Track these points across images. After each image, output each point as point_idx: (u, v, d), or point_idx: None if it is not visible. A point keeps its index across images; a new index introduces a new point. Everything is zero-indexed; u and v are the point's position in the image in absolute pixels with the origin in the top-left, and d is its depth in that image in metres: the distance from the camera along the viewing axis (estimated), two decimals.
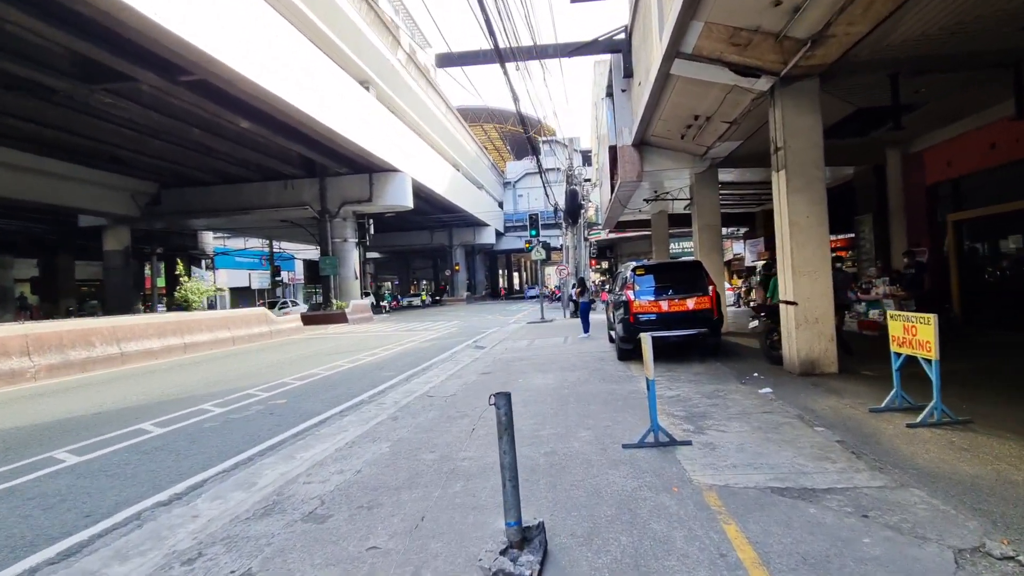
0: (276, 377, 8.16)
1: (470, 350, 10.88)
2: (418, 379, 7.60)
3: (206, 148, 18.16)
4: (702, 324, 7.49)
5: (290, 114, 15.13)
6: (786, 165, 6.45)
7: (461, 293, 45.35)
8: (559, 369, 7.59)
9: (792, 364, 6.43)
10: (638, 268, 7.91)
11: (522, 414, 5.07)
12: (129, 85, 12.61)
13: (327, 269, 21.98)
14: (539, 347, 10.50)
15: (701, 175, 11.48)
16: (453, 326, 18.26)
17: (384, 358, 10.25)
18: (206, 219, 23.46)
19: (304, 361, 10.14)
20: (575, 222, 19.99)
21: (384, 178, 22.02)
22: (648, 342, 4.03)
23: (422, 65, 25.42)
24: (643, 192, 13.62)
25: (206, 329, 13.23)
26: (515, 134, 57.09)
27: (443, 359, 9.75)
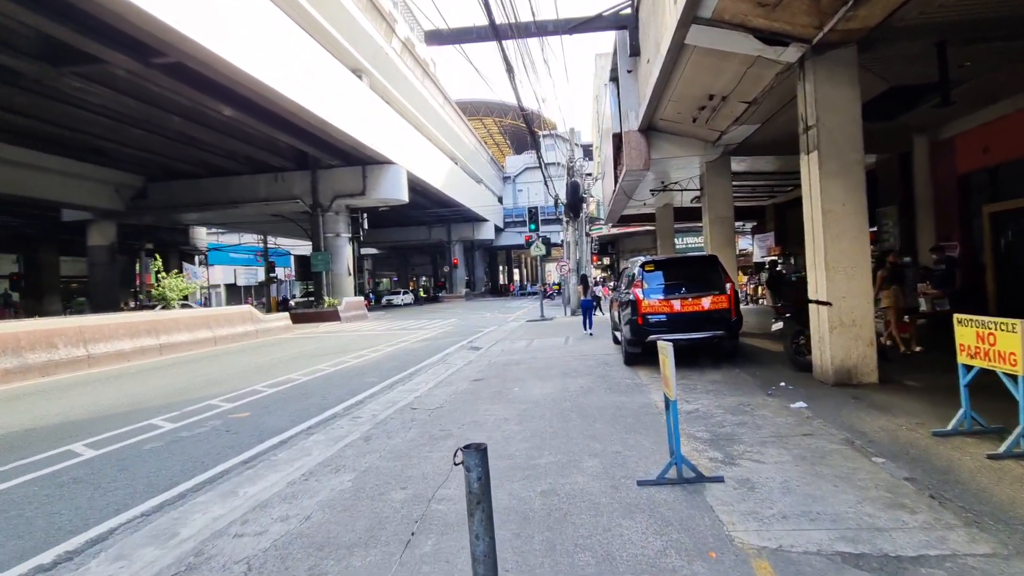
0: (247, 384, 7.41)
1: (464, 352, 10.12)
2: (403, 386, 6.84)
3: (189, 138, 17.34)
4: (719, 326, 6.73)
5: (276, 102, 14.32)
6: (818, 146, 5.65)
7: (460, 290, 44.61)
8: (560, 375, 6.84)
9: (824, 372, 5.66)
10: (647, 264, 7.14)
11: (516, 435, 4.31)
12: (99, 68, 11.80)
13: (319, 265, 21.21)
14: (538, 348, 9.75)
15: (712, 164, 10.70)
16: (449, 325, 17.51)
17: (371, 361, 9.50)
18: (194, 213, 22.68)
19: (284, 364, 9.39)
20: (576, 216, 19.17)
21: (378, 170, 21.20)
22: (669, 353, 3.26)
23: (419, 56, 24.54)
24: (649, 183, 12.82)
25: (185, 329, 12.48)
26: (515, 128, 56.16)
27: (434, 362, 8.99)
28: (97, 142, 17.24)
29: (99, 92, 13.23)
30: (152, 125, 16.04)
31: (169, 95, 13.71)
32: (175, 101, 14.12)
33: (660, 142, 9.90)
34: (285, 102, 14.20)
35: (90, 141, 17.13)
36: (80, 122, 15.39)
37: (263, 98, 13.94)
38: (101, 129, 16.00)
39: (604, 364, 7.55)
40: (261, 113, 15.24)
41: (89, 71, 12.01)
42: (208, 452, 4.36)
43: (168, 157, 19.48)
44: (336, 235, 21.77)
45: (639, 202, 16.12)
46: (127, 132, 16.36)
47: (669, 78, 7.75)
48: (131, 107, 14.43)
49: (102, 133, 16.35)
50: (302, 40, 14.82)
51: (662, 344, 3.42)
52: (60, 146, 17.57)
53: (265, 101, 14.21)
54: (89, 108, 14.42)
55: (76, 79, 12.27)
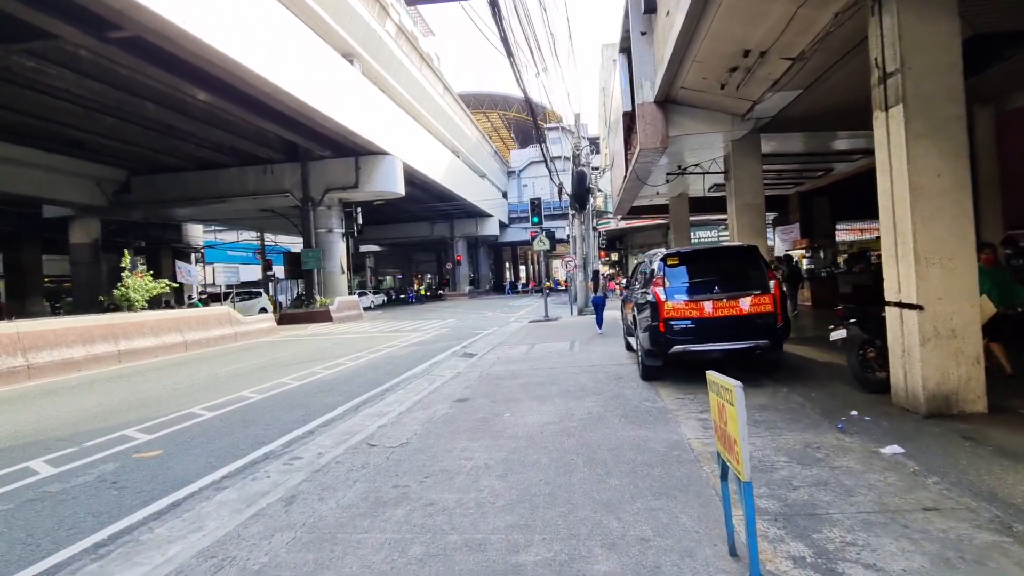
0: (188, 404, 6.19)
1: (455, 360, 8.85)
2: (371, 408, 5.57)
3: (168, 127, 16.22)
4: (761, 333, 5.37)
5: (254, 84, 13.11)
6: (903, 98, 4.26)
7: (463, 287, 43.39)
8: (562, 394, 5.53)
9: (911, 398, 4.30)
10: (670, 257, 5.79)
11: (496, 498, 3.02)
12: (52, 44, 10.66)
13: (310, 262, 20.05)
14: (539, 355, 8.43)
15: (740, 143, 9.29)
16: (446, 326, 16.26)
17: (345, 372, 8.26)
18: (180, 208, 21.62)
19: (244, 376, 8.17)
20: (583, 208, 17.78)
21: (372, 162, 19.96)
22: (738, 397, 1.93)
23: (415, 41, 23.22)
24: (664, 167, 11.38)
25: (150, 333, 11.33)
26: (520, 121, 54.69)
27: (417, 374, 7.72)
28: (71, 132, 16.18)
29: (60, 75, 12.11)
30: (125, 113, 14.92)
31: (138, 78, 12.56)
32: (145, 85, 12.97)
33: (679, 116, 8.51)
34: (264, 84, 12.99)
35: (63, 132, 16.08)
36: (46, 109, 14.30)
37: (240, 80, 12.73)
38: (71, 118, 14.91)
39: (616, 378, 6.22)
40: (240, 98, 14.05)
41: (40, 48, 10.87)
42: (61, 524, 3.11)
43: (150, 149, 18.40)
44: (328, 230, 20.59)
45: (651, 192, 14.71)
46: (100, 121, 15.26)
47: (694, 32, 6.38)
48: (98, 92, 13.30)
49: (74, 122, 15.27)
50: (282, 16, 13.58)
51: (721, 381, 2.10)
52: (33, 137, 16.55)
53: (242, 84, 13.01)
54: (53, 93, 13.32)
55: (28, 58, 11.14)
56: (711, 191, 14.60)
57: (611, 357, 7.82)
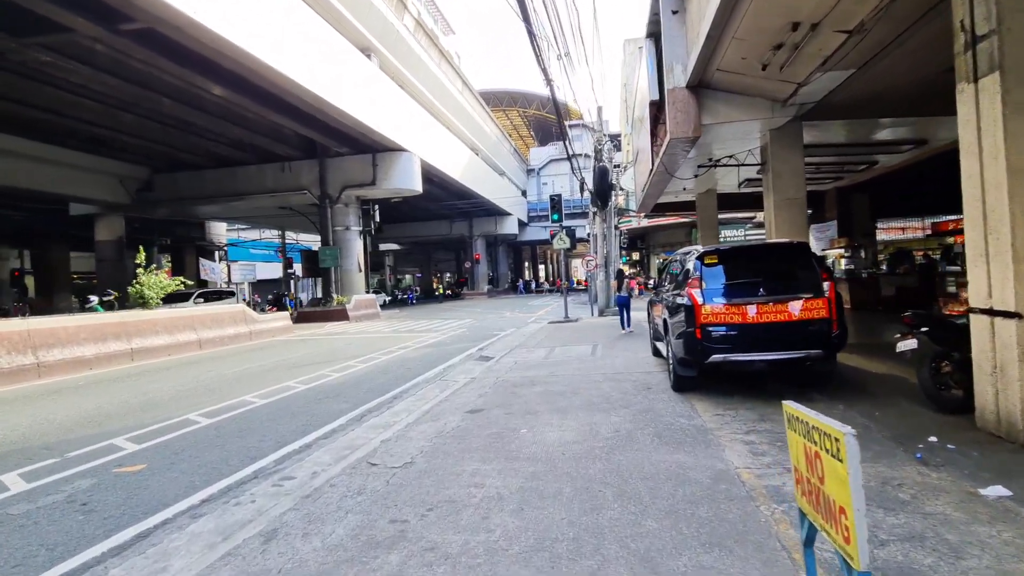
0: (185, 409, 5.87)
1: (470, 363, 8.37)
2: (376, 418, 5.13)
3: (185, 124, 16.23)
4: (814, 342, 4.72)
5: (268, 77, 12.89)
6: (1000, 64, 3.56)
7: (482, 286, 43.01)
8: (586, 406, 4.98)
9: (1006, 423, 3.60)
10: (708, 255, 5.14)
11: (509, 543, 2.50)
12: (66, 38, 10.60)
13: (327, 260, 19.92)
14: (560, 360, 7.87)
15: (779, 132, 8.52)
16: (463, 326, 15.84)
17: (355, 375, 7.87)
18: (200, 206, 21.79)
19: (252, 378, 7.87)
20: (605, 205, 17.09)
21: (389, 159, 19.68)
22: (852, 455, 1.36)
23: (434, 35, 22.86)
24: (694, 159, 10.62)
25: (164, 331, 11.22)
26: (539, 119, 54.01)
27: (429, 378, 7.27)
28: (92, 129, 16.34)
29: (76, 69, 12.11)
30: (143, 109, 14.95)
31: (152, 72, 12.48)
32: (160, 79, 12.89)
33: (714, 103, 7.81)
34: (275, 76, 12.75)
35: (84, 129, 16.24)
36: (66, 105, 14.40)
37: (251, 71, 12.52)
38: (91, 114, 15.02)
39: (644, 388, 5.62)
40: (255, 93, 13.89)
41: (55, 42, 10.83)
42: (8, 559, 2.72)
43: (170, 146, 18.52)
44: (346, 228, 20.43)
45: (677, 187, 13.91)
46: (119, 117, 15.35)
47: (736, 4, 5.72)
48: (115, 87, 13.31)
49: (94, 119, 15.39)
50: (292, 5, 13.31)
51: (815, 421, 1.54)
52: (56, 134, 16.77)
53: (254, 76, 12.81)
54: (70, 89, 13.37)
55: (44, 52, 11.13)
56: (743, 187, 13.75)
57: (637, 363, 7.20)
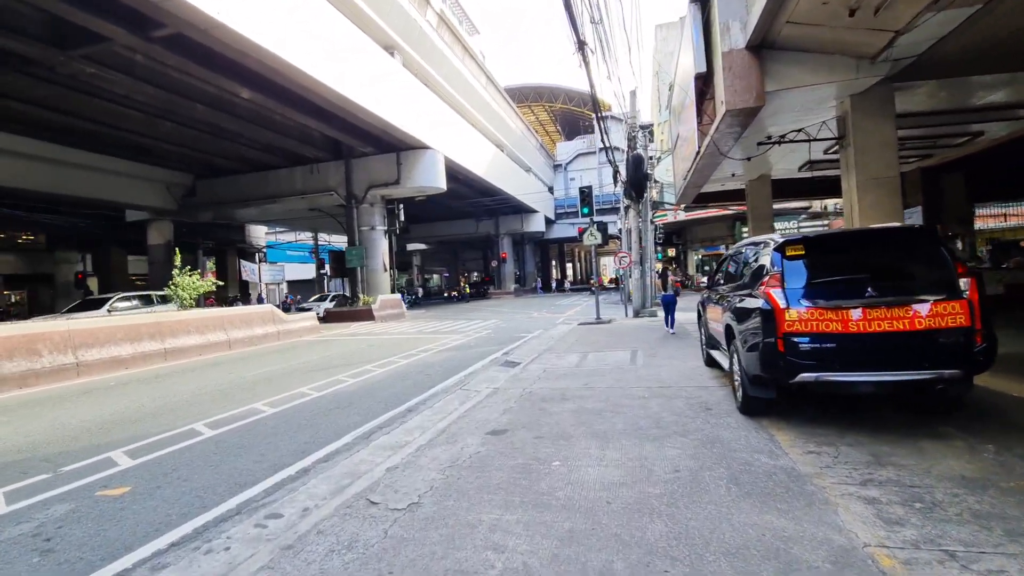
0: (193, 416, 5.68)
1: (494, 369, 7.90)
2: (385, 437, 4.71)
3: (218, 129, 16.59)
4: (947, 358, 3.63)
5: (291, 77, 12.88)
6: None
7: (508, 285, 42.64)
8: (631, 430, 4.24)
9: None
10: (791, 244, 4.05)
11: None
12: (105, 48, 10.89)
13: (353, 260, 20.00)
14: (594, 369, 7.25)
15: (864, 97, 7.22)
16: (489, 327, 15.43)
17: (371, 380, 7.56)
18: (239, 209, 22.41)
19: (268, 383, 7.70)
20: (640, 197, 16.22)
21: (413, 157, 19.53)
22: None
23: (456, 30, 22.55)
24: (748, 140, 9.46)
25: (195, 331, 11.36)
26: (566, 113, 53.05)
27: (449, 387, 6.84)
28: (137, 139, 17.00)
29: (118, 80, 12.50)
30: (180, 116, 15.36)
31: (184, 79, 12.74)
32: (192, 86, 13.14)
33: (780, 65, 6.70)
34: (300, 76, 12.71)
35: (130, 138, 16.91)
36: (110, 115, 14.98)
37: (276, 73, 12.53)
38: (133, 123, 15.58)
39: (703, 409, 4.81)
40: (280, 94, 13.95)
41: (96, 52, 11.15)
42: None
43: (206, 152, 19.07)
44: (371, 228, 20.45)
45: (725, 173, 12.90)
46: (158, 126, 15.86)
47: None
48: (153, 96, 13.68)
49: (137, 128, 15.96)
50: (321, 7, 13.25)
51: None
52: (105, 144, 17.59)
53: (279, 77, 12.82)
54: (114, 99, 13.88)
55: (87, 63, 11.50)
56: (804, 170, 12.50)
57: (688, 375, 6.45)
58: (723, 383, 5.80)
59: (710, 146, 8.58)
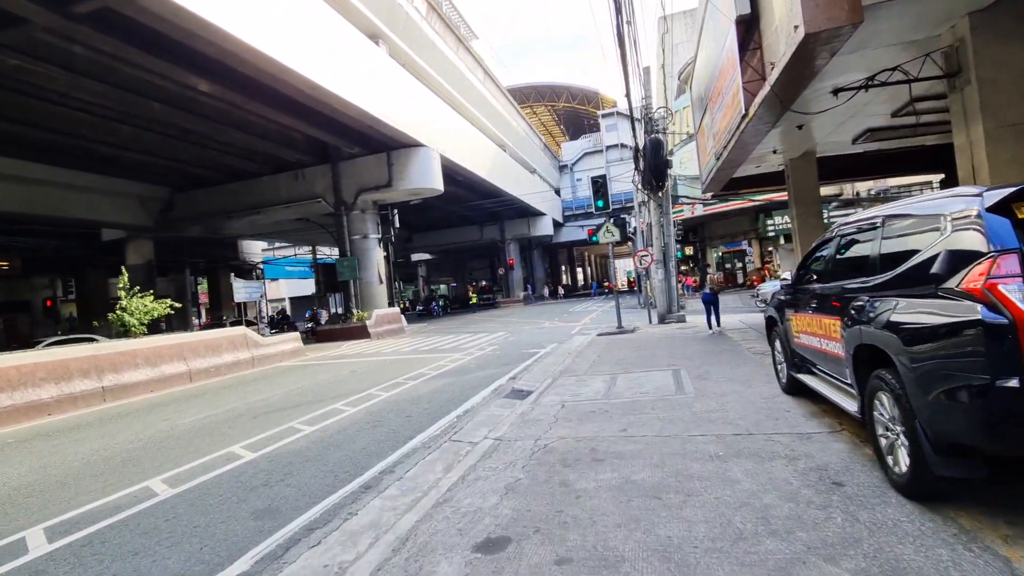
0: (68, 501, 3.75)
1: (498, 404, 5.90)
2: (310, 553, 2.74)
3: (185, 132, 14.97)
4: None
5: (259, 65, 11.16)
6: None
7: (517, 293, 40.61)
8: (727, 544, 2.30)
9: None
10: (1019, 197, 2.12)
11: None
12: (25, 33, 9.23)
13: (345, 273, 18.20)
14: (630, 401, 5.20)
15: (988, 15, 5.24)
16: (495, 341, 13.45)
17: (332, 429, 5.60)
18: (220, 222, 20.77)
19: (202, 435, 5.78)
20: (660, 186, 14.17)
21: (405, 156, 17.75)
22: None
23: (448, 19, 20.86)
24: (812, 95, 7.34)
25: (145, 363, 9.54)
26: (569, 112, 51.27)
27: (433, 438, 4.85)
28: (97, 147, 15.46)
29: (51, 74, 10.89)
30: (137, 118, 13.75)
31: (132, 73, 11.06)
32: (141, 80, 11.48)
33: None
34: (265, 63, 10.98)
35: (89, 147, 15.39)
36: (57, 119, 13.41)
37: (236, 58, 10.81)
38: (87, 129, 14.01)
39: (828, 483, 2.84)
40: (247, 86, 12.25)
41: (16, 40, 9.52)
42: None
43: (180, 161, 17.50)
44: (363, 237, 18.65)
45: (767, 149, 10.82)
46: (115, 130, 14.27)
47: None
48: (99, 93, 12.07)
49: (91, 134, 14.41)
50: None
51: None
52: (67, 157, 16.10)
53: (243, 65, 11.11)
54: (55, 100, 12.26)
55: (9, 54, 9.86)
56: (860, 142, 10.38)
57: (768, 410, 4.39)
58: (828, 424, 3.83)
59: (769, 97, 6.50)
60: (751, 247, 34.26)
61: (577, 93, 46.95)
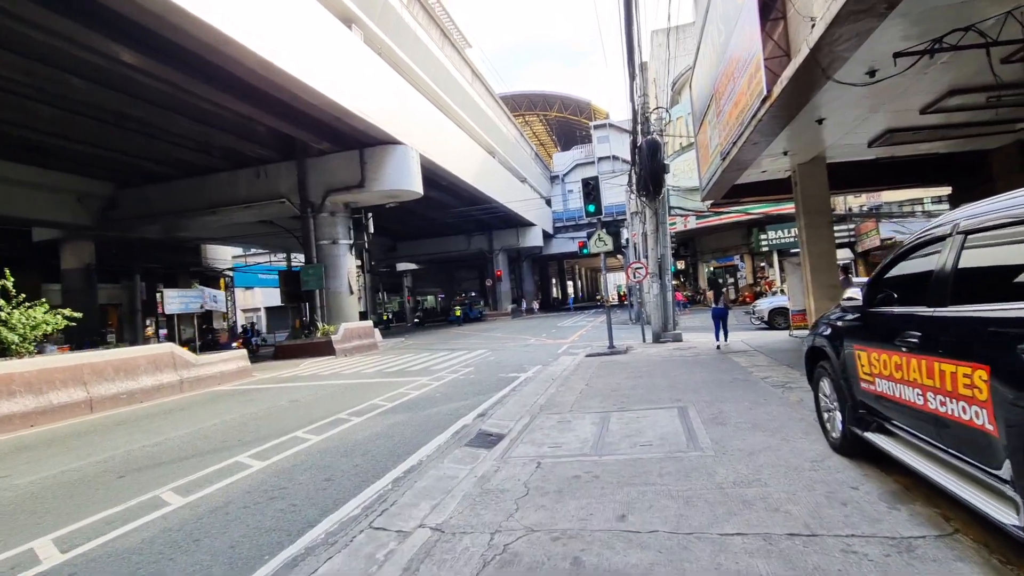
0: None
1: (451, 461, 4.19)
2: None
3: (122, 117, 13.17)
4: None
5: (194, 33, 9.49)
6: None
7: (505, 306, 38.92)
8: None
9: None
10: None
11: None
12: None
13: (310, 282, 16.36)
14: (629, 461, 3.50)
15: None
16: (472, 362, 11.75)
17: (228, 495, 3.83)
18: (172, 224, 18.76)
19: (33, 507, 3.96)
20: (657, 193, 12.74)
21: (380, 154, 16.13)
22: None
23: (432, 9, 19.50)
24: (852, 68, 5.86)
25: (25, 390, 7.60)
26: (562, 123, 50.37)
27: (353, 516, 3.09)
28: (17, 133, 13.51)
29: None
30: (55, 96, 11.90)
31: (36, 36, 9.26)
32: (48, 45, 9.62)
33: None
34: (199, 29, 9.30)
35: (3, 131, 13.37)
36: None
37: (160, 21, 9.08)
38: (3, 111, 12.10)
39: None
40: (184, 61, 10.56)
41: None
42: None
43: (120, 152, 15.62)
44: (332, 242, 16.88)
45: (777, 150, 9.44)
46: (33, 111, 12.40)
47: None
48: (7, 64, 10.24)
49: (7, 116, 12.49)
50: None
51: None
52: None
53: (170, 30, 9.40)
54: None
55: None
56: (876, 145, 9.09)
57: (823, 480, 2.81)
58: (926, 517, 2.33)
59: (802, 70, 4.99)
60: (743, 262, 33.22)
61: (570, 103, 46.08)
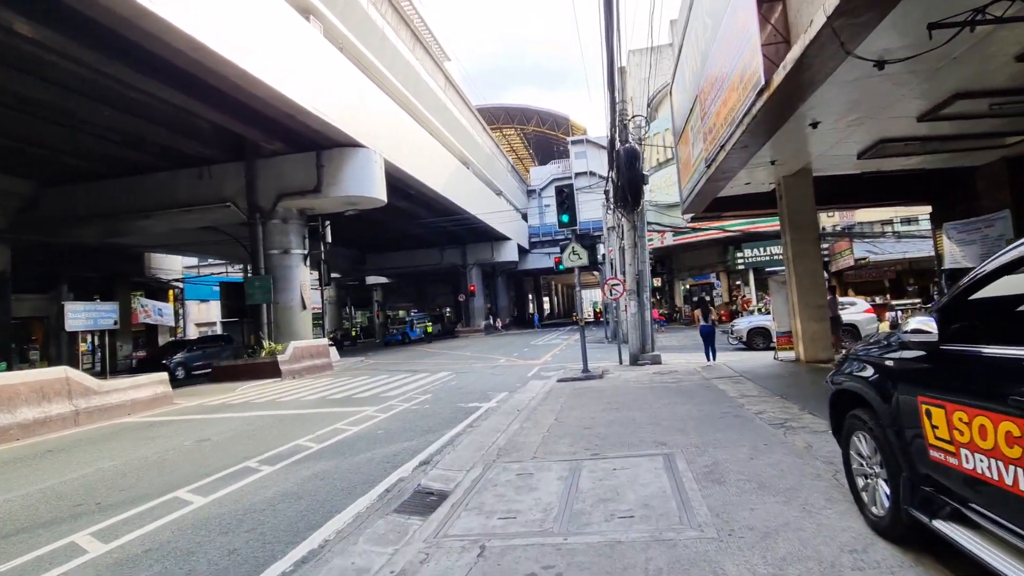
0: None
1: (369, 540, 2.94)
2: None
3: (30, 102, 11.50)
4: None
5: (108, 6, 8.14)
6: None
7: (478, 322, 37.62)
8: None
9: None
10: None
11: None
12: None
13: (256, 295, 14.76)
14: (601, 545, 2.34)
15: None
16: (432, 386, 10.46)
17: None
18: (103, 227, 16.80)
19: None
20: (636, 204, 11.93)
21: (339, 157, 14.86)
22: None
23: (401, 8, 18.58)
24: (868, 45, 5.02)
25: None
26: (539, 137, 50.18)
27: None
28: None
29: None
30: None
31: None
32: None
33: None
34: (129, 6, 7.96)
35: None
36: None
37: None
38: None
39: None
40: (98, 36, 9.15)
41: None
42: None
43: (41, 146, 13.82)
44: (284, 251, 15.37)
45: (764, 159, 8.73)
46: None
47: None
48: None
49: None
50: None
51: None
52: None
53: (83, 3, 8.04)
54: None
55: None
56: (867, 156, 8.50)
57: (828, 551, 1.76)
58: None
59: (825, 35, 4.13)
60: (719, 280, 33.19)
61: (548, 118, 45.96)
